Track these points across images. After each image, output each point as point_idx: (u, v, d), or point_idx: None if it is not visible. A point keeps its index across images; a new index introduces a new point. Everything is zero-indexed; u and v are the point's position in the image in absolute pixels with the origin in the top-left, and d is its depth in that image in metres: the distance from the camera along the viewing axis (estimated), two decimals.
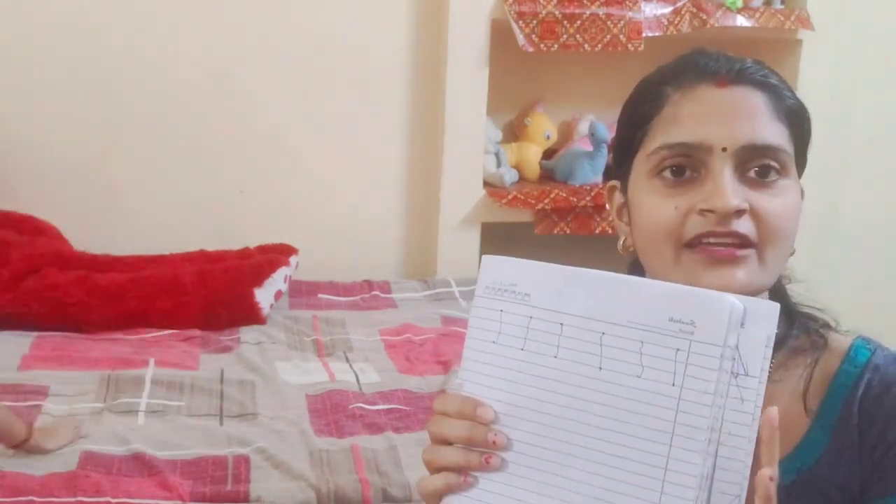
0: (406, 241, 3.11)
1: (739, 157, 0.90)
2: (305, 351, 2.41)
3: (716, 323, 0.73)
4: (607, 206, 1.04)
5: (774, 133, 0.91)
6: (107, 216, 2.89)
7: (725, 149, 0.89)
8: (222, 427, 1.99)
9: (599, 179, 3.03)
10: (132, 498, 1.70)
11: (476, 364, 0.83)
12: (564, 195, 2.97)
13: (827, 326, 0.99)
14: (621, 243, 1.00)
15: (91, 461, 1.80)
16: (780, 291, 0.99)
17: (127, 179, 2.89)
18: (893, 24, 3.34)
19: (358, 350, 2.41)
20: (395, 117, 3.02)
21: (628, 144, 0.97)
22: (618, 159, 1.00)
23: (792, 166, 0.93)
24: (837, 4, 3.18)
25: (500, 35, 2.89)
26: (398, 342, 2.47)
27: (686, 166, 0.91)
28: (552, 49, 2.90)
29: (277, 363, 2.31)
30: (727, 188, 0.88)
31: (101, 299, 2.44)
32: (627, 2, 2.93)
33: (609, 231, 2.99)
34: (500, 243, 3.07)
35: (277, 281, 2.60)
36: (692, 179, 0.91)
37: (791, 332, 0.97)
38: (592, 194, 2.98)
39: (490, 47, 2.90)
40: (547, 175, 3.14)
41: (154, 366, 2.22)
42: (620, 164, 0.99)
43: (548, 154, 3.18)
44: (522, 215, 3.01)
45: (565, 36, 2.90)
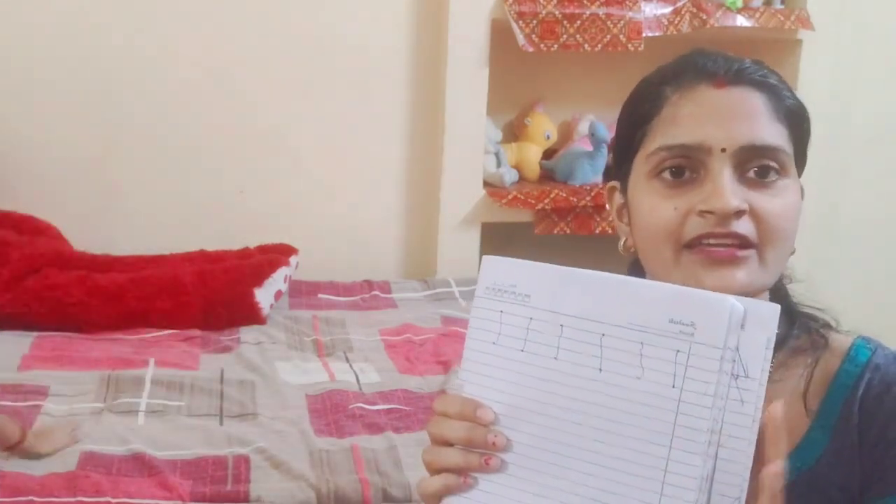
0: (406, 241, 3.11)
1: (738, 158, 0.90)
2: (305, 351, 2.41)
3: (716, 324, 0.73)
4: (607, 207, 1.04)
5: (773, 133, 0.91)
6: (107, 216, 2.89)
7: (724, 150, 0.89)
8: (222, 427, 1.99)
9: (599, 179, 3.03)
10: (132, 498, 1.70)
11: (476, 365, 0.82)
12: (564, 195, 2.97)
13: (827, 326, 0.99)
14: (622, 244, 1.00)
15: (91, 461, 1.80)
16: (781, 291, 0.99)
17: (127, 179, 2.89)
18: (893, 24, 3.34)
19: (358, 350, 2.41)
20: (395, 117, 3.02)
21: (628, 145, 0.97)
22: (617, 160, 1.00)
23: (791, 166, 0.93)
24: (837, 4, 3.18)
25: (500, 35, 2.89)
26: (398, 342, 2.47)
27: (685, 167, 0.91)
28: (552, 49, 2.90)
29: (277, 363, 2.31)
30: (726, 189, 0.88)
31: (101, 299, 2.44)
32: (627, 2, 2.93)
33: (609, 231, 2.99)
34: (500, 243, 3.07)
35: (277, 281, 2.60)
36: (691, 180, 0.91)
37: (792, 332, 0.97)
38: (592, 194, 2.98)
39: (490, 47, 2.90)
40: (547, 175, 3.14)
41: (154, 366, 2.22)
42: (620, 165, 0.99)
43: (548, 154, 3.18)
44: (522, 215, 3.01)
45: (565, 36, 2.89)
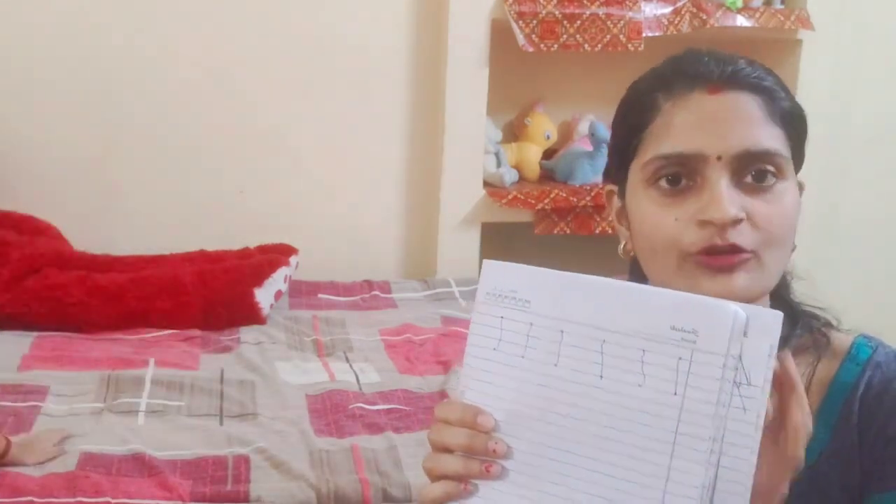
0: (406, 241, 3.11)
1: (735, 165, 0.89)
2: (305, 351, 2.41)
3: (718, 332, 0.73)
4: (607, 207, 1.04)
5: (769, 137, 0.90)
6: (107, 216, 2.89)
7: (720, 157, 0.89)
8: (222, 427, 1.98)
9: (599, 179, 3.02)
10: (132, 498, 1.70)
11: (477, 371, 0.82)
12: (564, 195, 2.97)
13: (829, 325, 0.99)
14: (622, 248, 1.00)
15: (91, 461, 1.79)
16: (784, 290, 0.99)
17: (127, 179, 2.89)
18: (893, 24, 3.34)
19: (358, 350, 2.41)
20: (395, 117, 3.02)
21: (623, 153, 0.96)
22: (614, 165, 1.00)
23: (789, 168, 0.92)
24: (837, 4, 3.18)
25: (500, 35, 2.89)
26: (398, 342, 2.47)
27: (682, 175, 0.90)
28: (552, 49, 2.90)
29: (277, 363, 2.31)
30: (724, 198, 0.87)
31: (101, 299, 2.43)
32: (627, 2, 2.93)
33: (609, 231, 2.98)
34: (500, 243, 3.08)
35: (277, 281, 2.60)
36: (688, 188, 0.90)
37: (794, 332, 0.96)
38: (592, 194, 2.98)
39: (490, 47, 2.90)
40: (547, 175, 3.13)
41: (154, 366, 2.22)
42: (617, 171, 0.98)
43: (548, 154, 3.18)
44: (522, 215, 3.01)
45: (565, 36, 2.89)
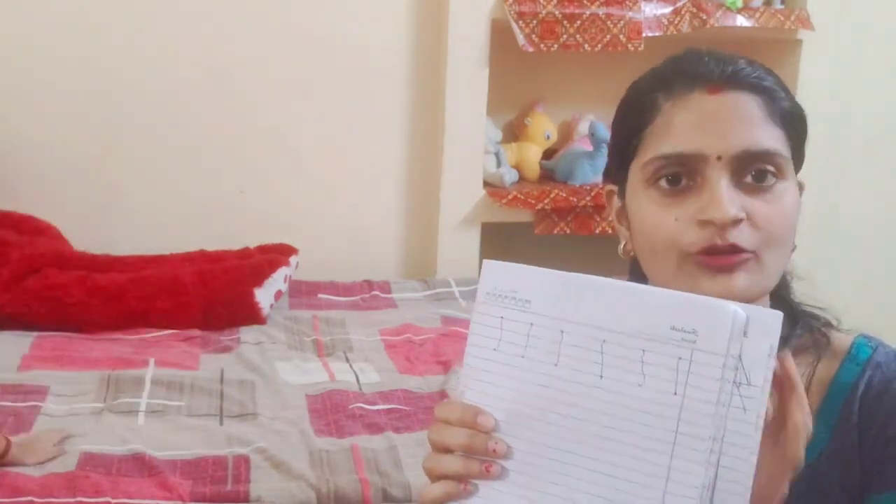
0: (406, 241, 3.11)
1: (735, 165, 0.89)
2: (305, 351, 2.41)
3: (718, 332, 0.73)
4: (607, 207, 1.04)
5: (769, 137, 0.90)
6: (107, 216, 2.89)
7: (720, 157, 0.89)
8: (222, 427, 1.98)
9: (599, 179, 3.02)
10: (132, 498, 1.70)
11: (477, 371, 0.82)
12: (564, 195, 2.97)
13: (829, 325, 0.99)
14: (622, 248, 1.00)
15: (91, 461, 1.79)
16: (784, 290, 0.99)
17: (127, 179, 2.89)
18: (893, 24, 3.34)
19: (358, 350, 2.41)
20: (395, 117, 3.02)
21: (623, 153, 0.96)
22: (614, 165, 1.00)
23: (789, 168, 0.92)
24: (837, 4, 3.18)
25: (500, 35, 2.89)
26: (398, 342, 2.47)
27: (682, 175, 0.90)
28: (552, 49, 2.90)
29: (277, 363, 2.31)
30: (724, 198, 0.87)
31: (101, 299, 2.43)
32: (627, 2, 2.93)
33: (609, 231, 2.98)
34: (500, 243, 3.08)
35: (277, 281, 2.60)
36: (688, 188, 0.90)
37: (794, 332, 0.96)
38: (592, 194, 2.98)
39: (490, 47, 2.90)
40: (547, 175, 3.13)
41: (154, 366, 2.22)
42: (617, 171, 0.98)
43: (548, 154, 3.18)
44: (522, 215, 3.01)
45: (565, 36, 2.89)
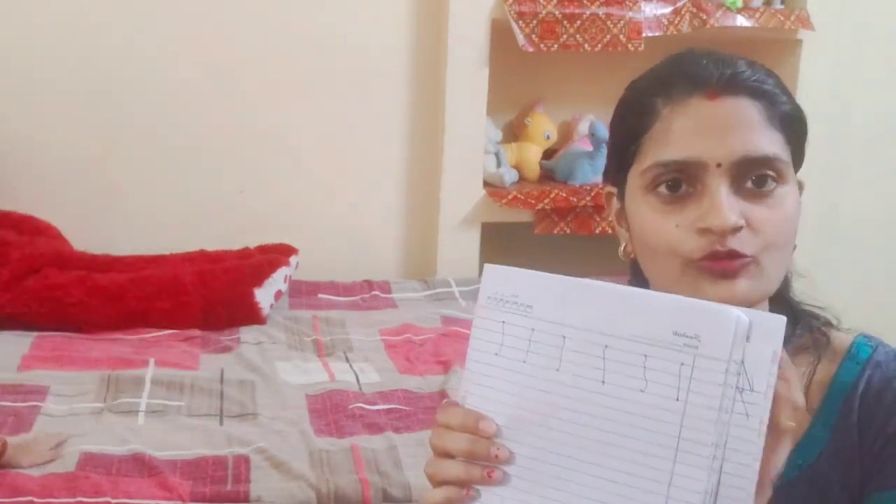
0: (406, 241, 3.11)
1: (735, 172, 0.89)
2: (305, 351, 2.41)
3: (721, 337, 0.72)
4: (606, 208, 1.03)
5: (769, 142, 0.90)
6: (107, 216, 2.89)
7: (720, 164, 0.88)
8: (222, 427, 1.98)
9: (599, 179, 3.02)
10: (132, 498, 1.70)
11: (478, 376, 0.82)
12: (564, 195, 2.97)
13: (829, 324, 0.99)
14: (622, 250, 1.00)
15: (91, 461, 1.79)
16: (784, 290, 0.99)
17: (127, 179, 2.89)
18: (893, 24, 3.33)
19: (358, 350, 2.41)
20: (395, 117, 3.02)
21: (622, 158, 0.95)
22: (613, 168, 0.99)
23: (789, 172, 0.92)
24: (837, 4, 3.18)
25: (500, 35, 2.88)
26: (398, 342, 2.47)
27: (682, 181, 0.90)
28: (552, 49, 2.90)
29: (277, 363, 2.31)
30: (724, 206, 0.87)
31: (101, 299, 2.43)
32: (627, 2, 2.92)
33: (609, 231, 2.98)
34: (500, 243, 3.08)
35: (277, 281, 2.60)
36: (688, 194, 0.90)
37: (795, 331, 0.96)
38: (592, 194, 2.98)
39: (490, 47, 2.90)
40: (547, 175, 3.13)
41: (154, 366, 2.22)
42: (616, 174, 0.98)
43: (548, 154, 3.18)
44: (522, 215, 3.01)
45: (565, 36, 2.89)
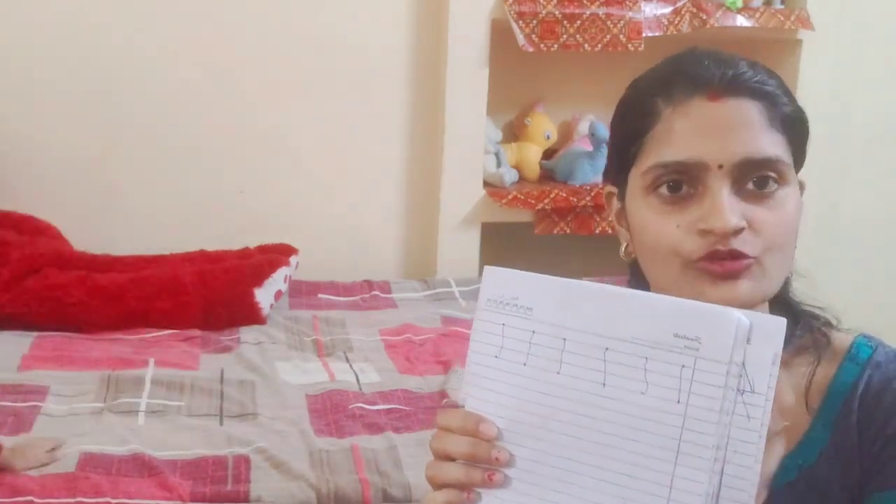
0: (406, 241, 3.11)
1: (736, 173, 0.88)
2: (305, 351, 2.41)
3: (722, 339, 0.72)
4: (607, 208, 1.03)
5: (771, 144, 0.89)
6: (107, 216, 2.89)
7: (721, 166, 0.88)
8: (222, 427, 1.98)
9: (599, 179, 3.02)
10: (132, 498, 1.70)
11: (479, 379, 0.82)
12: (564, 195, 2.97)
13: (829, 325, 0.99)
14: (623, 249, 0.99)
15: (91, 461, 1.79)
16: (784, 290, 0.98)
17: (127, 179, 2.89)
18: (893, 24, 3.33)
19: (358, 350, 2.41)
20: (395, 117, 3.02)
21: (622, 158, 0.95)
22: (613, 168, 0.99)
23: (791, 173, 0.92)
24: (837, 4, 3.18)
25: (500, 35, 2.89)
26: (398, 342, 2.47)
27: (683, 182, 0.90)
28: (552, 49, 2.90)
29: (277, 363, 2.31)
30: (725, 208, 0.87)
31: (101, 299, 2.43)
32: (627, 2, 2.93)
33: (609, 231, 2.98)
34: (500, 243, 3.08)
35: (277, 281, 2.60)
36: (689, 196, 0.90)
37: (795, 332, 0.96)
38: (592, 194, 2.98)
39: (490, 47, 2.90)
40: (547, 175, 3.13)
41: (154, 366, 2.22)
42: (616, 174, 0.98)
43: (548, 154, 3.18)
44: (522, 215, 3.01)
45: (565, 36, 2.89)
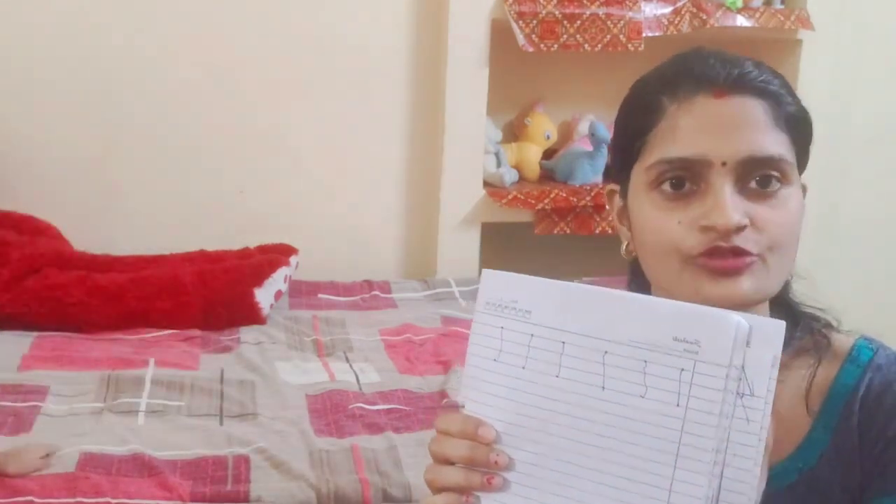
0: (406, 241, 3.11)
1: (740, 171, 0.89)
2: (305, 351, 2.41)
3: (721, 342, 0.72)
4: (607, 207, 1.03)
5: (775, 143, 0.90)
6: (107, 216, 2.89)
7: (725, 163, 0.88)
8: (222, 427, 1.98)
9: (599, 179, 3.03)
10: (132, 498, 1.70)
11: (478, 382, 0.82)
12: (564, 195, 2.97)
13: (829, 326, 0.99)
14: (624, 248, 0.99)
15: (91, 462, 1.79)
16: (784, 291, 0.98)
17: (127, 179, 2.89)
18: (893, 24, 3.33)
19: (358, 350, 2.41)
20: (395, 117, 3.02)
21: (626, 154, 0.95)
22: (616, 165, 0.99)
23: (794, 173, 0.92)
24: (837, 4, 3.18)
25: (500, 35, 2.89)
26: (398, 342, 2.47)
27: (686, 179, 0.90)
28: (552, 49, 2.90)
29: (277, 363, 2.31)
30: (728, 205, 0.87)
31: (101, 299, 2.43)
32: (627, 2, 2.93)
33: (609, 231, 2.98)
34: (500, 243, 3.08)
35: (277, 281, 2.60)
36: (692, 192, 0.90)
37: (795, 333, 0.96)
38: (592, 194, 2.98)
39: (490, 47, 2.90)
40: (547, 175, 3.13)
41: (154, 366, 2.22)
42: (619, 171, 0.98)
43: (548, 154, 3.18)
44: (522, 215, 3.01)
45: (565, 36, 2.89)
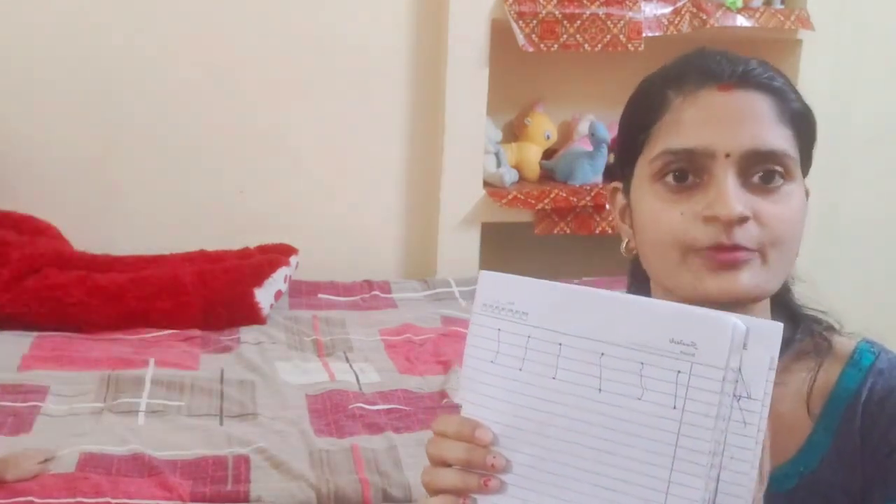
0: (406, 241, 3.11)
1: (743, 163, 0.89)
2: (305, 351, 2.41)
3: (717, 344, 0.72)
4: (607, 206, 1.03)
5: (779, 137, 0.90)
6: (107, 216, 2.89)
7: (729, 155, 0.88)
8: (222, 427, 1.98)
9: (599, 179, 3.03)
10: (132, 498, 1.70)
11: (475, 384, 0.82)
12: (564, 195, 2.97)
13: (831, 329, 0.99)
14: (624, 246, 1.00)
15: (91, 462, 1.79)
16: (785, 294, 0.98)
17: (127, 179, 2.89)
18: (893, 24, 3.34)
19: (358, 350, 2.41)
20: (395, 117, 3.02)
21: (630, 148, 0.96)
22: (620, 162, 0.99)
23: (797, 170, 0.92)
24: (837, 4, 3.18)
25: (500, 35, 2.89)
26: (398, 342, 2.47)
27: (689, 171, 0.90)
28: (552, 49, 2.90)
29: (277, 363, 2.31)
30: (730, 195, 0.87)
31: (101, 299, 2.43)
32: (627, 2, 2.92)
33: (609, 231, 2.98)
34: (500, 243, 3.08)
35: (277, 281, 2.60)
36: (695, 185, 0.90)
37: (795, 336, 0.96)
38: (592, 194, 2.97)
39: (490, 47, 2.90)
40: (547, 175, 3.13)
41: (154, 366, 2.22)
42: (622, 167, 0.98)
43: (548, 154, 3.18)
44: (522, 215, 3.01)
45: (565, 36, 2.89)
